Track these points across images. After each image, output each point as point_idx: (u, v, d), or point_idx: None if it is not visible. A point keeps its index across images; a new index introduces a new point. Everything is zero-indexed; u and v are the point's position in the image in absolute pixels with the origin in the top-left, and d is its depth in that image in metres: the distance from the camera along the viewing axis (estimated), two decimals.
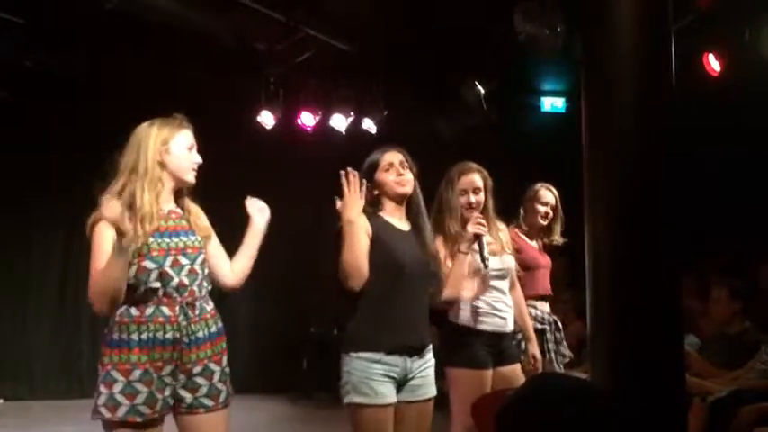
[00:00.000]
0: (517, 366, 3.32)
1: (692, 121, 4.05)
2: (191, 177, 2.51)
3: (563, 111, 7.55)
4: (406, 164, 2.82)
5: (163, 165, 2.44)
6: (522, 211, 4.00)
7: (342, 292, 2.63)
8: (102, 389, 2.34)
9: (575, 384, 1.21)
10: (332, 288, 2.68)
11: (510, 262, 3.39)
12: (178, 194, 2.53)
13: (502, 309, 3.27)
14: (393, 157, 2.82)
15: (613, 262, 3.09)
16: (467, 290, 3.15)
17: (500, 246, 3.36)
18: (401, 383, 2.65)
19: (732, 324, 4.46)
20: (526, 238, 3.96)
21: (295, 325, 7.01)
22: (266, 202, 2.66)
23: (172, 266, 2.38)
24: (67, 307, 7.05)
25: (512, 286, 3.44)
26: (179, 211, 2.50)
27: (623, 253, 3.05)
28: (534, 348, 3.54)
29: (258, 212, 2.63)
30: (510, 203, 3.90)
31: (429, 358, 2.75)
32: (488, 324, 3.21)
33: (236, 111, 6.63)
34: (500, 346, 3.25)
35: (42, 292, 6.99)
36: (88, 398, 7.30)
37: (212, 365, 2.43)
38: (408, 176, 2.78)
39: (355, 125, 6.87)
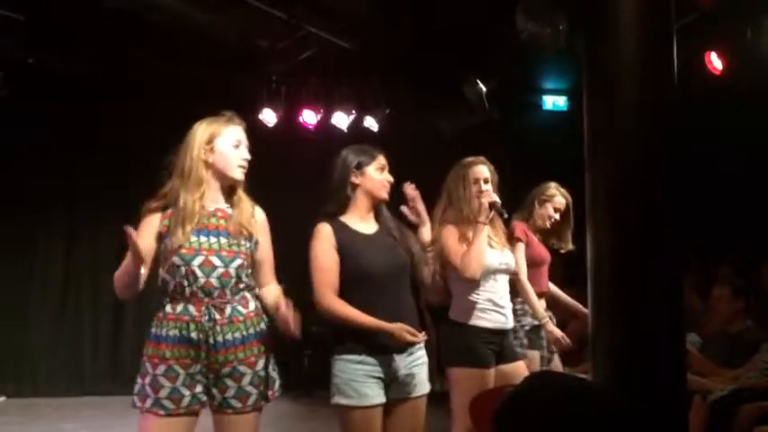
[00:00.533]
0: (520, 364, 3.30)
1: (694, 120, 4.04)
2: (238, 174, 2.47)
3: (565, 109, 7.55)
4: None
5: (208, 164, 2.43)
6: (533, 207, 3.97)
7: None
8: (138, 379, 2.40)
9: (573, 383, 1.20)
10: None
11: (511, 258, 3.39)
12: (231, 192, 2.50)
13: (503, 305, 3.26)
14: (385, 161, 2.83)
15: (615, 261, 3.09)
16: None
17: (502, 242, 3.37)
18: (389, 382, 2.65)
19: (734, 323, 4.46)
20: (532, 234, 3.94)
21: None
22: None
23: (201, 266, 2.36)
24: (70, 305, 7.06)
25: (516, 278, 3.48)
26: (227, 210, 2.47)
27: (625, 252, 3.05)
28: (553, 330, 3.66)
29: (287, 322, 2.47)
30: (511, 201, 3.90)
31: (419, 356, 2.73)
32: (489, 321, 3.20)
33: (238, 109, 6.53)
34: (501, 344, 3.24)
35: (45, 290, 6.99)
36: (90, 395, 7.32)
37: (242, 368, 2.42)
38: (390, 185, 2.81)
39: (357, 123, 6.87)
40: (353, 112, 6.83)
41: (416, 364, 2.72)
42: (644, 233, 3.02)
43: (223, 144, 2.46)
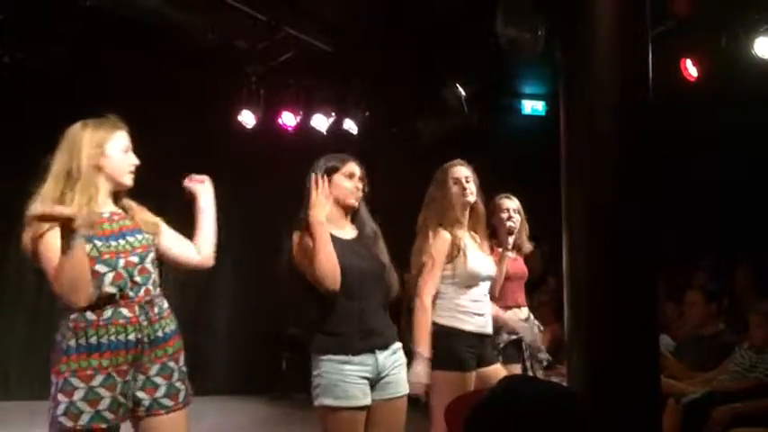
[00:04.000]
0: (497, 367, 3.32)
1: (669, 126, 4.09)
2: (128, 180, 2.46)
3: (543, 114, 7.61)
4: (363, 180, 2.84)
5: (98, 168, 2.39)
6: (491, 228, 3.97)
7: (308, 291, 2.65)
8: (61, 397, 2.24)
9: (545, 388, 1.22)
10: (294, 288, 2.69)
11: (493, 266, 3.41)
12: (117, 196, 2.48)
13: (485, 310, 3.28)
14: (355, 168, 2.83)
15: (590, 265, 3.12)
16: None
17: (488, 248, 3.41)
18: (374, 382, 2.67)
19: (706, 326, 4.52)
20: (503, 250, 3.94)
21: (274, 326, 7.00)
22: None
23: (125, 267, 2.33)
24: (43, 308, 6.94)
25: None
26: (120, 211, 2.45)
27: (600, 256, 3.08)
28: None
29: (200, 188, 2.61)
30: (488, 206, 3.92)
31: (400, 356, 2.78)
32: (472, 324, 3.20)
33: (217, 110, 6.58)
34: (482, 348, 3.24)
35: (18, 293, 6.89)
36: None
37: (171, 364, 2.38)
38: (360, 192, 2.82)
39: (336, 125, 6.87)
40: (333, 114, 6.83)
41: (398, 365, 2.75)
42: (619, 237, 3.05)
43: (113, 149, 2.43)
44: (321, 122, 6.80)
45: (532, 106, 7.65)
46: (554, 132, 3.40)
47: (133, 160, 2.48)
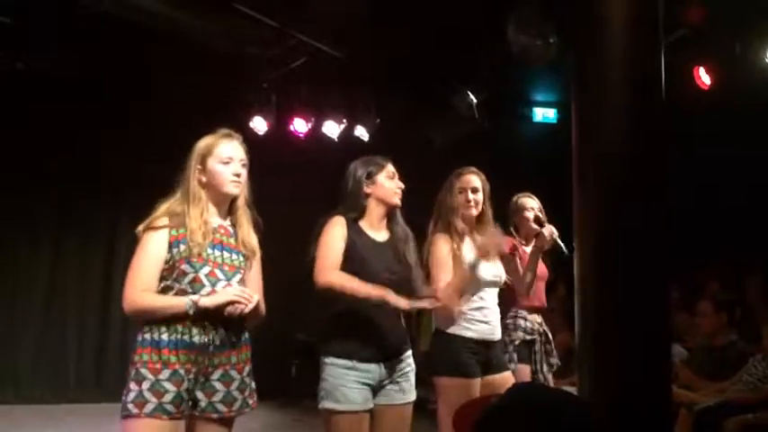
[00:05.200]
0: (507, 375, 3.29)
1: (682, 134, 4.07)
2: (230, 189, 2.52)
3: (555, 121, 7.59)
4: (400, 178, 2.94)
5: (202, 183, 2.51)
6: (512, 228, 3.97)
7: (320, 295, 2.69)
8: (133, 386, 2.34)
9: (556, 396, 1.20)
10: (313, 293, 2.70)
11: (502, 270, 3.38)
12: (231, 208, 2.56)
13: (490, 316, 3.25)
14: (394, 169, 2.94)
15: (601, 273, 3.10)
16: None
17: (494, 253, 3.34)
18: (377, 389, 2.70)
19: (718, 336, 4.48)
20: (527, 249, 3.94)
21: (283, 332, 7.00)
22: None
23: (207, 276, 2.41)
24: (54, 312, 7.00)
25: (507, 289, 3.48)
26: (229, 227, 2.54)
27: (611, 264, 3.06)
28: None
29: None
30: (500, 212, 3.91)
31: (408, 364, 2.80)
32: (475, 331, 3.18)
33: (229, 116, 6.59)
34: (488, 355, 3.22)
35: (29, 296, 6.93)
36: (73, 403, 7.24)
37: (233, 373, 2.45)
38: (401, 192, 2.91)
39: (347, 132, 6.88)
40: (344, 120, 6.84)
41: (404, 372, 2.77)
42: (630, 246, 3.03)
43: (213, 162, 2.52)
44: (332, 129, 6.81)
45: (544, 114, 7.64)
46: (565, 140, 3.39)
47: (235, 169, 2.52)
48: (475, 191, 3.29)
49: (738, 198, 6.15)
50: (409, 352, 2.81)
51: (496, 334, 3.28)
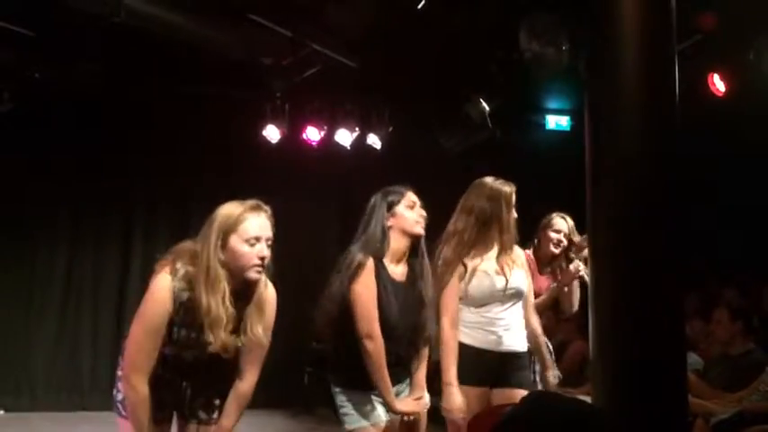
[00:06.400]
0: (521, 392, 3.23)
1: (696, 141, 4.05)
2: (252, 275, 2.26)
3: (567, 129, 7.57)
4: (422, 206, 2.91)
5: (222, 262, 2.23)
6: (536, 240, 3.95)
7: (344, 326, 2.75)
8: (120, 386, 2.40)
9: (572, 406, 1.20)
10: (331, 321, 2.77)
11: (523, 281, 3.28)
12: (249, 288, 2.32)
13: (498, 327, 3.16)
14: (415, 197, 2.91)
15: (616, 283, 3.08)
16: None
17: (515, 265, 3.28)
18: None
19: (734, 345, 4.43)
20: (536, 267, 3.91)
21: (296, 340, 7.00)
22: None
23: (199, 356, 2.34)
24: (69, 319, 7.04)
25: (527, 311, 3.34)
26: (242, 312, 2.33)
27: (626, 273, 3.04)
28: (548, 373, 3.50)
29: None
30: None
31: (406, 385, 2.93)
32: (476, 339, 3.13)
33: (242, 125, 6.65)
34: (495, 366, 3.15)
35: (44, 304, 6.98)
36: (88, 410, 7.27)
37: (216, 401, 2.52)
38: (423, 221, 2.88)
39: (360, 140, 6.89)
40: (357, 129, 6.86)
41: (403, 388, 2.90)
42: (645, 254, 3.01)
43: (236, 242, 2.24)
44: (345, 137, 6.83)
45: (557, 121, 7.62)
46: (578, 148, 3.38)
47: (261, 252, 2.25)
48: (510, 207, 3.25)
49: (755, 205, 6.10)
50: (408, 379, 2.92)
51: (506, 345, 3.17)
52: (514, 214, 3.24)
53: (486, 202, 3.20)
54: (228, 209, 2.28)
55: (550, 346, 3.84)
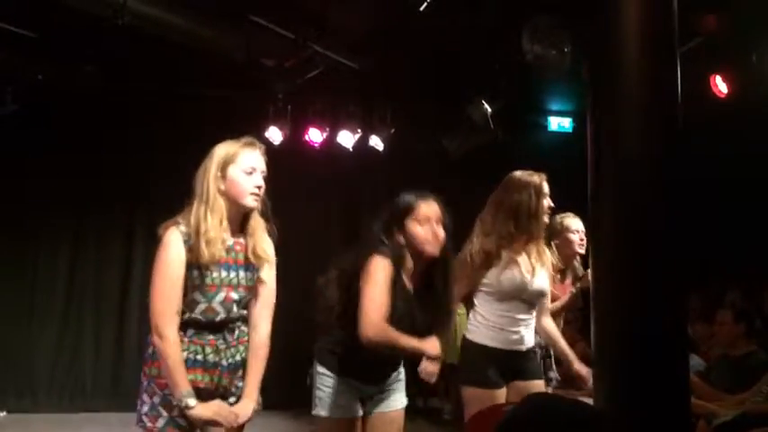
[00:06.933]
0: (538, 383, 3.27)
1: (699, 143, 4.04)
2: (249, 202, 2.40)
3: (570, 131, 7.57)
4: (441, 220, 2.60)
5: (221, 191, 2.38)
6: (554, 247, 3.88)
7: (344, 312, 2.65)
8: (146, 398, 2.38)
9: (572, 407, 1.20)
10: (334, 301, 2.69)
11: (546, 283, 3.33)
12: (246, 218, 2.45)
13: (518, 327, 3.21)
14: (430, 209, 2.59)
15: (618, 283, 3.08)
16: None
17: (539, 263, 3.30)
18: (366, 400, 2.76)
19: (737, 346, 4.42)
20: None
21: (297, 341, 6.99)
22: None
23: (222, 302, 2.38)
24: (71, 320, 7.05)
25: (542, 313, 3.38)
26: (242, 241, 2.44)
27: (628, 274, 3.04)
28: (579, 367, 3.50)
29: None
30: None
31: (399, 372, 2.83)
32: (495, 340, 3.16)
33: (244, 126, 6.62)
34: (514, 364, 3.19)
35: (47, 305, 6.99)
36: (91, 412, 7.28)
37: (240, 385, 2.50)
38: (441, 238, 2.57)
39: (362, 142, 6.90)
40: (359, 131, 6.87)
41: (395, 381, 2.83)
42: (648, 256, 3.01)
43: (235, 171, 2.40)
44: (347, 139, 6.84)
45: (559, 123, 7.62)
46: (581, 149, 3.38)
47: (257, 181, 2.41)
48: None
49: (758, 207, 6.09)
50: (398, 370, 2.84)
51: (526, 344, 3.24)
52: (547, 202, 3.28)
53: (516, 194, 3.24)
54: (226, 145, 2.45)
55: (550, 350, 3.85)
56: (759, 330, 4.70)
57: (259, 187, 2.42)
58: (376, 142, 6.91)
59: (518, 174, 3.34)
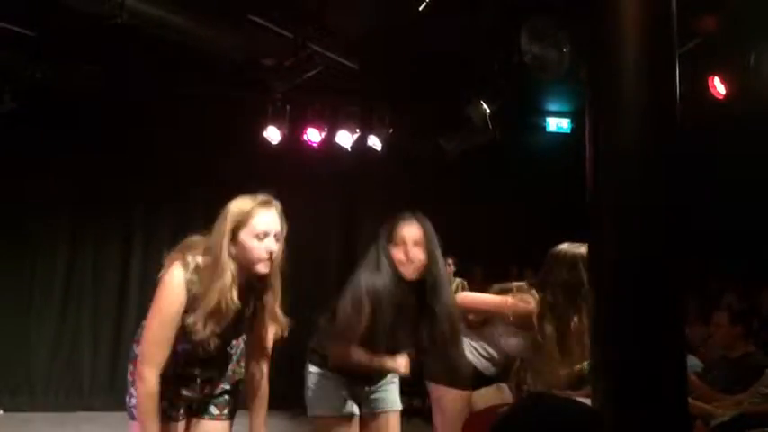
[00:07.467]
0: (495, 387, 3.33)
1: (698, 144, 4.05)
2: (260, 269, 2.31)
3: (568, 131, 7.57)
4: (420, 243, 2.57)
5: (232, 256, 2.27)
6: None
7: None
8: (134, 392, 2.41)
9: (570, 407, 1.20)
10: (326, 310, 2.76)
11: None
12: (260, 282, 2.38)
13: (493, 351, 3.29)
14: (409, 232, 2.58)
15: (616, 285, 3.08)
16: None
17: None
18: (358, 402, 2.78)
19: (734, 348, 4.43)
20: None
21: (297, 342, 7.00)
22: None
23: (205, 349, 2.36)
24: (69, 319, 7.05)
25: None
26: (250, 302, 2.40)
27: (626, 276, 3.04)
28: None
29: None
30: (512, 224, 3.90)
31: (387, 379, 2.86)
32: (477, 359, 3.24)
33: (243, 126, 6.66)
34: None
35: (44, 304, 6.99)
36: (88, 410, 7.28)
37: (225, 385, 2.56)
38: (416, 261, 2.56)
39: (361, 142, 6.91)
40: (357, 130, 6.87)
41: (387, 383, 2.86)
42: (646, 256, 3.01)
43: (246, 236, 2.28)
44: (346, 139, 6.84)
45: (557, 124, 7.62)
46: (579, 150, 3.38)
47: (270, 246, 2.29)
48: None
49: (755, 208, 6.10)
50: (389, 376, 2.84)
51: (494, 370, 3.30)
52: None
53: (568, 268, 3.23)
54: (240, 203, 2.33)
55: None
56: (756, 332, 4.71)
57: (271, 253, 2.30)
58: (374, 142, 6.92)
59: (564, 248, 3.33)
